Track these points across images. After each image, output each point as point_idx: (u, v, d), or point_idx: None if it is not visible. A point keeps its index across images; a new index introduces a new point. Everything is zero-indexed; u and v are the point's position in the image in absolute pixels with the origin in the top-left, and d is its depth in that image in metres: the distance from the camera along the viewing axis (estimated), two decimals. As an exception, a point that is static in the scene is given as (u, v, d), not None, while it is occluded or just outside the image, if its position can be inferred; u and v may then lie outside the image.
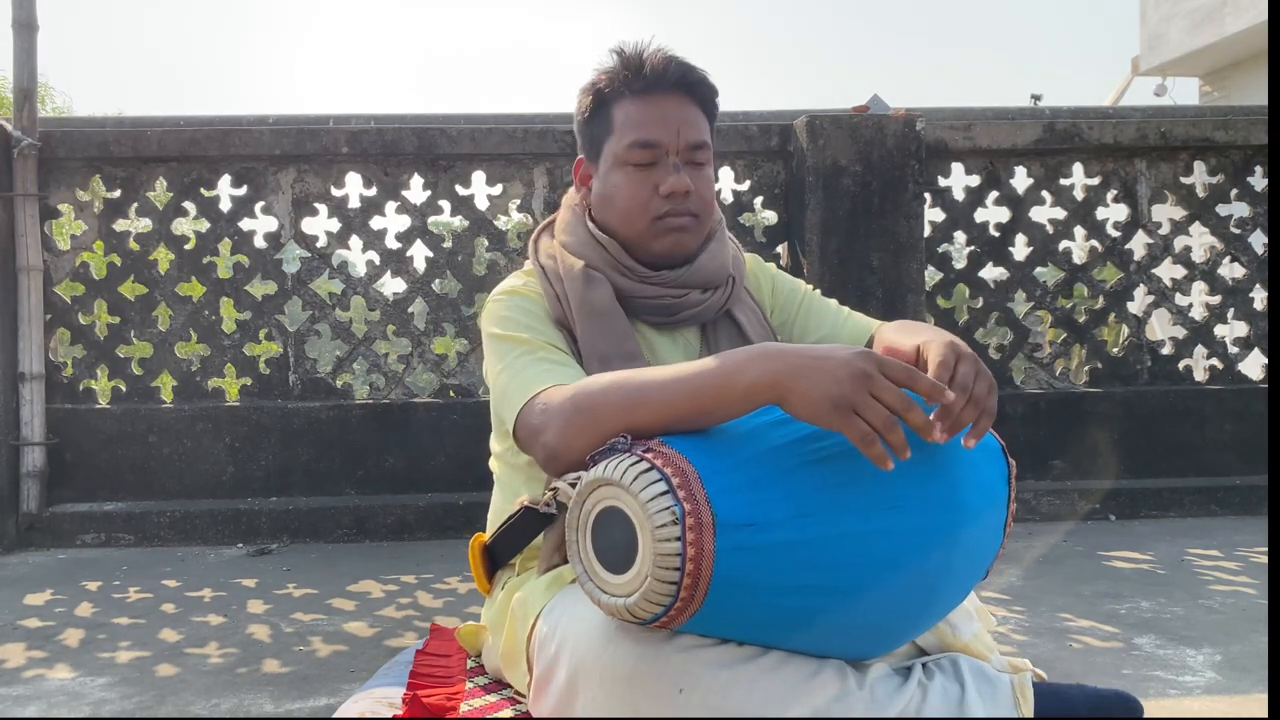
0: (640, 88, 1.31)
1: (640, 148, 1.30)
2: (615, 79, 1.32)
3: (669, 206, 1.30)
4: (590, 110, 1.36)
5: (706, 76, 1.35)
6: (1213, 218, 4.20)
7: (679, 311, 1.34)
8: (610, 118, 1.33)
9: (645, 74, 1.31)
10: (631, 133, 1.30)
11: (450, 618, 2.64)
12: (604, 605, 0.99)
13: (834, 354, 0.97)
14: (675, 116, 1.31)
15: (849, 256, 3.81)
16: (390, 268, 3.98)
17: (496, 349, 1.28)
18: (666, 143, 1.30)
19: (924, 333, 1.17)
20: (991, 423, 1.02)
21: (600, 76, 1.34)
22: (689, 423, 1.02)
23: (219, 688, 2.15)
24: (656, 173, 1.31)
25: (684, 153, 1.31)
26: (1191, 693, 2.03)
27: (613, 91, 1.33)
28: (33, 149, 3.72)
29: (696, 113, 1.33)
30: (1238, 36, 9.52)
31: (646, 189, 1.31)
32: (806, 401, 0.95)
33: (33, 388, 3.70)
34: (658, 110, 1.31)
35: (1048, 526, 3.73)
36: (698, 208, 1.32)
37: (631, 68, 1.32)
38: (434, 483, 3.82)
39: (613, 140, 1.32)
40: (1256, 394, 4.10)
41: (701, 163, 1.33)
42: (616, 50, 1.34)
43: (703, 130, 1.33)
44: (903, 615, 1.03)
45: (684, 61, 1.33)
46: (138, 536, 3.64)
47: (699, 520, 0.92)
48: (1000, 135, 4.06)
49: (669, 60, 1.32)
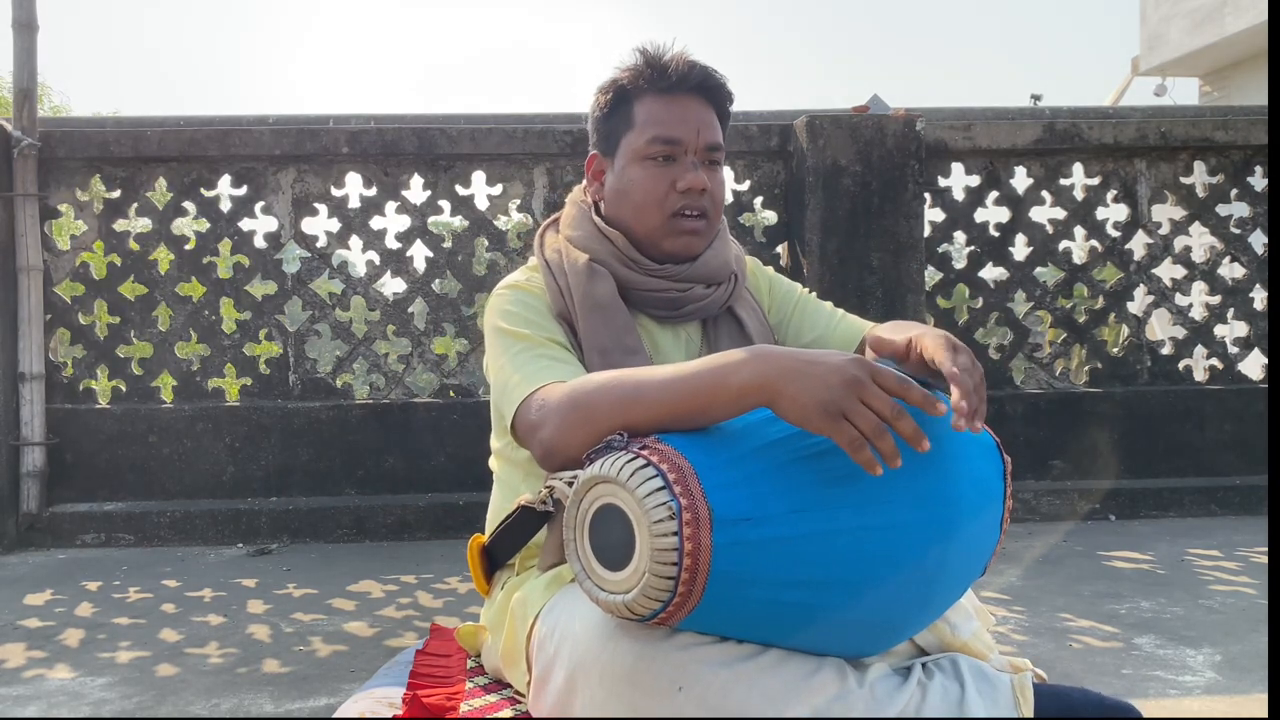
0: (664, 86, 1.34)
1: (662, 143, 1.33)
2: (639, 76, 1.35)
3: (685, 202, 1.33)
4: (610, 105, 1.38)
5: (726, 83, 1.38)
6: (1213, 218, 4.20)
7: (683, 305, 1.36)
8: (631, 114, 1.35)
9: (670, 74, 1.34)
10: (654, 128, 1.33)
11: (450, 618, 2.64)
12: (603, 603, 0.99)
13: (827, 359, 0.98)
14: (696, 117, 1.34)
15: (849, 256, 3.81)
16: (390, 268, 3.98)
17: (498, 343, 1.29)
18: (687, 141, 1.33)
19: (916, 329, 1.18)
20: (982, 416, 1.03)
21: (623, 73, 1.37)
22: (683, 422, 1.03)
23: (219, 688, 2.15)
24: (675, 169, 1.33)
25: (702, 153, 1.34)
26: (1191, 693, 2.03)
27: (635, 88, 1.36)
28: (33, 149, 3.72)
29: (714, 116, 1.37)
30: (1238, 36, 9.52)
31: (664, 184, 1.33)
32: (796, 405, 0.96)
33: (33, 388, 3.70)
34: (680, 109, 1.34)
35: (1048, 526, 3.73)
36: (710, 208, 1.35)
37: (656, 67, 1.35)
38: (434, 483, 3.83)
39: (632, 135, 1.35)
40: (1256, 394, 4.10)
41: (717, 163, 1.37)
42: (641, 50, 1.37)
43: (719, 133, 1.37)
44: (901, 611, 1.03)
45: (706, 66, 1.36)
46: (138, 536, 3.64)
47: (696, 515, 0.93)
48: (1000, 135, 4.06)
49: (693, 63, 1.35)
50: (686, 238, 1.34)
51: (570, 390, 1.13)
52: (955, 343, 1.09)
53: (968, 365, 1.04)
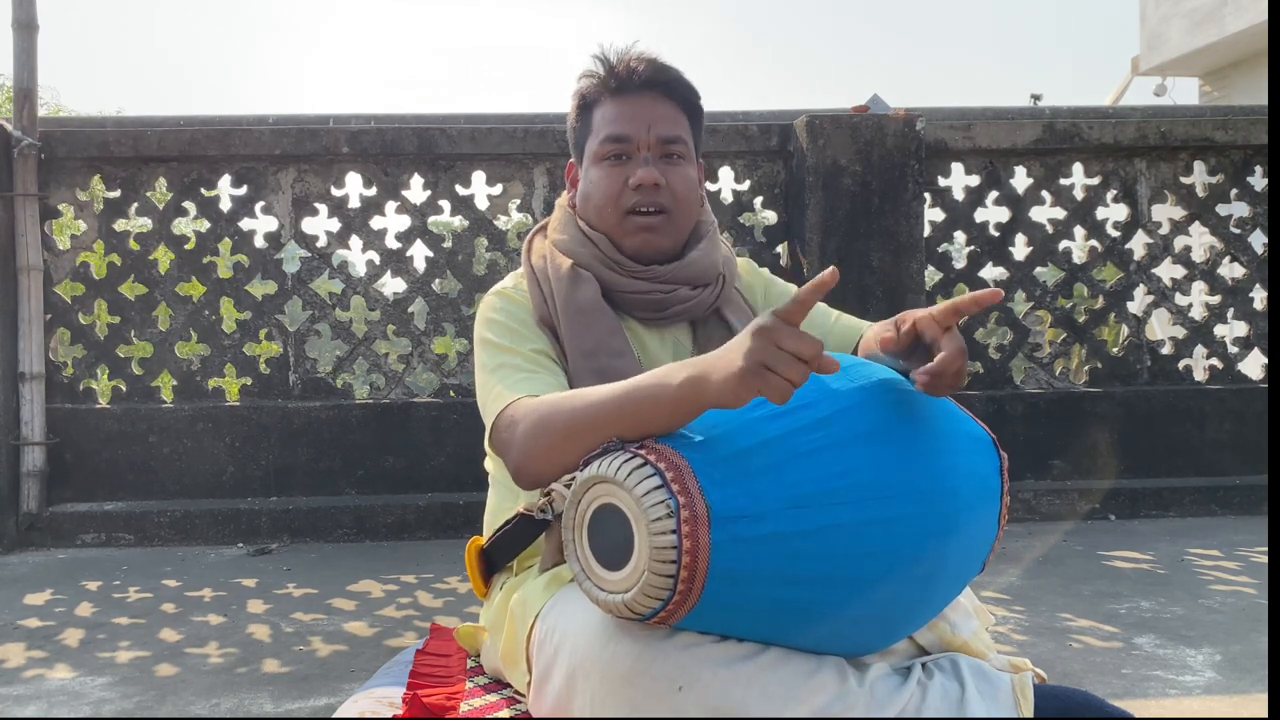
0: (615, 88, 1.36)
1: (611, 142, 1.34)
2: (596, 82, 1.37)
3: (638, 199, 1.33)
4: (576, 115, 1.41)
5: (680, 75, 1.38)
6: (1213, 217, 4.20)
7: (668, 307, 1.36)
8: (591, 119, 1.38)
9: (618, 74, 1.36)
10: (605, 129, 1.35)
11: (450, 617, 2.64)
12: (602, 602, 0.99)
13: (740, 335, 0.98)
14: (647, 113, 1.35)
15: (849, 256, 3.81)
16: (390, 268, 3.98)
17: (481, 353, 1.32)
18: (637, 138, 1.34)
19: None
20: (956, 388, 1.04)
21: (583, 82, 1.39)
22: (633, 434, 1.03)
23: (219, 688, 2.15)
24: (628, 167, 1.34)
25: (656, 147, 1.34)
26: (1191, 693, 2.03)
27: (594, 95, 1.38)
28: (33, 149, 3.72)
29: (672, 109, 1.37)
30: (1238, 36, 9.51)
31: (618, 182, 1.34)
32: (724, 382, 0.96)
33: (33, 387, 3.70)
34: (630, 108, 1.35)
35: (1047, 526, 3.73)
36: (669, 202, 1.34)
37: (607, 69, 1.36)
38: (434, 482, 3.83)
39: (591, 139, 1.37)
40: (1256, 394, 4.10)
41: (676, 156, 1.36)
42: (598, 56, 1.38)
43: (677, 126, 1.36)
44: (901, 607, 1.04)
45: (657, 61, 1.37)
46: (138, 536, 3.64)
47: (694, 513, 0.93)
48: (1000, 135, 4.06)
49: (641, 60, 1.36)
50: (643, 235, 1.34)
51: (535, 409, 1.14)
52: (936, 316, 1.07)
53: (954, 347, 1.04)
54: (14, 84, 3.76)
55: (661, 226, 1.34)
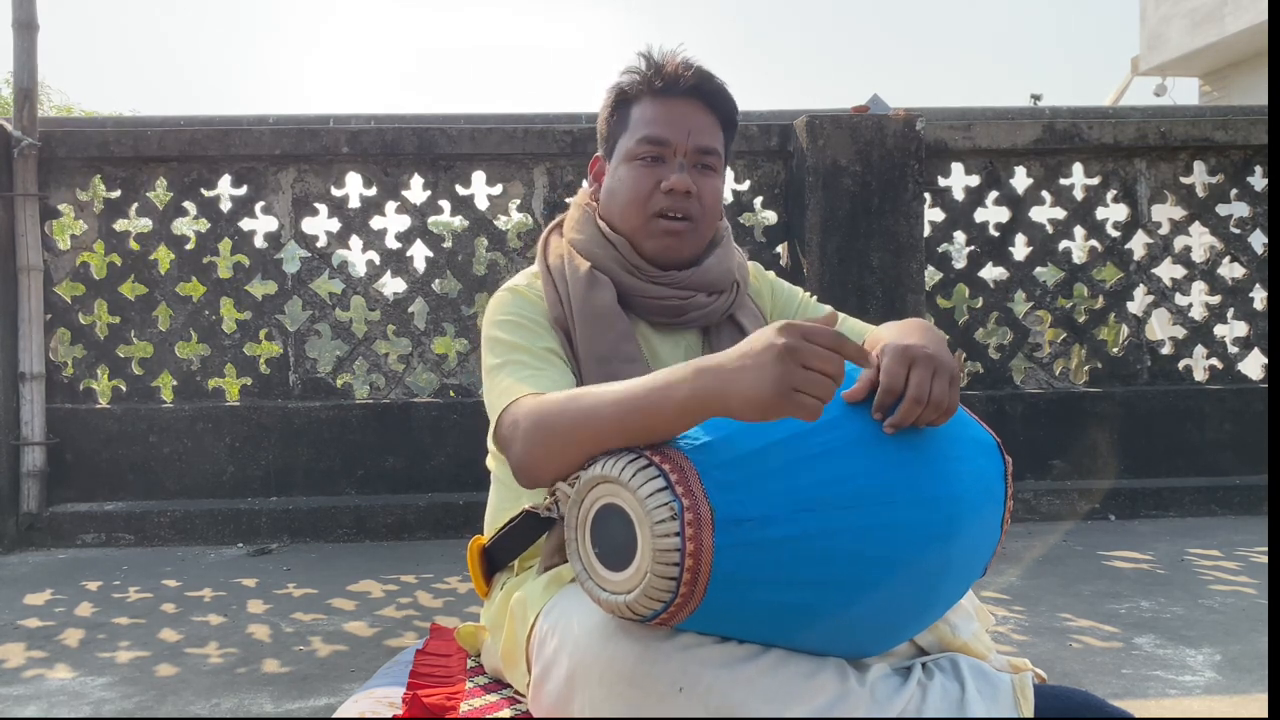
0: (659, 89, 1.34)
1: (649, 143, 1.33)
2: (638, 79, 1.36)
3: (668, 203, 1.32)
4: (612, 108, 1.39)
5: (724, 87, 1.37)
6: (1212, 217, 4.20)
7: (685, 313, 1.36)
8: (629, 116, 1.36)
9: (664, 75, 1.34)
10: (643, 129, 1.34)
11: (450, 617, 2.64)
12: (604, 603, 0.99)
13: (754, 343, 0.95)
14: (688, 119, 1.33)
15: (849, 256, 3.81)
16: (390, 268, 3.98)
17: (489, 346, 1.30)
18: (676, 142, 1.33)
19: (913, 334, 1.18)
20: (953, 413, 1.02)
21: (625, 77, 1.38)
22: (634, 439, 1.02)
23: (219, 688, 2.15)
24: (662, 170, 1.33)
25: (692, 155, 1.33)
26: (1191, 693, 2.03)
27: (634, 92, 1.36)
28: (33, 149, 3.72)
29: (711, 120, 1.36)
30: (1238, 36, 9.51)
31: (649, 184, 1.33)
32: (751, 404, 0.94)
33: (33, 387, 3.70)
34: (672, 111, 1.34)
35: (1047, 526, 3.73)
36: (697, 212, 1.33)
37: (653, 69, 1.35)
38: (434, 483, 3.83)
39: (626, 136, 1.36)
40: (1256, 394, 4.10)
41: (710, 168, 1.35)
42: (642, 53, 1.37)
43: (714, 137, 1.36)
44: (903, 610, 1.03)
45: (705, 70, 1.36)
46: (138, 536, 3.64)
47: (698, 516, 0.93)
48: (1000, 135, 4.06)
49: (689, 66, 1.34)
50: (666, 239, 1.33)
51: (538, 408, 1.13)
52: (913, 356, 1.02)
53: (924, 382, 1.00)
54: (14, 84, 3.76)
55: (686, 234, 1.34)
